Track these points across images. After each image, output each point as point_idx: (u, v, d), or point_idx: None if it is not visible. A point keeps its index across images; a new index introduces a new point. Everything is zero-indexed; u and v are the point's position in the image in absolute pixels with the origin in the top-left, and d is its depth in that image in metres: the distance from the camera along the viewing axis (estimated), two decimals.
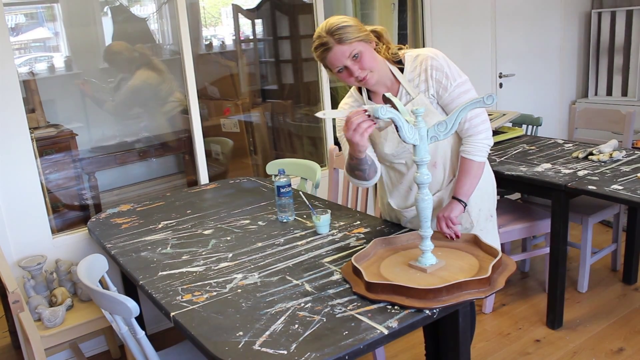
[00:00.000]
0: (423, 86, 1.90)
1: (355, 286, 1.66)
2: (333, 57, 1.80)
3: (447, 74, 1.87)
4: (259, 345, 1.44)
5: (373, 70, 1.84)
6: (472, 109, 1.65)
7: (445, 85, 1.87)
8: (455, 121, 1.65)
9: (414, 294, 1.56)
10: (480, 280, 1.58)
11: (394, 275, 1.70)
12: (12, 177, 2.60)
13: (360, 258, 1.79)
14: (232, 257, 2.01)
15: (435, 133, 1.65)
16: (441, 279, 1.65)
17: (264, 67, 4.87)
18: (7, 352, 3.03)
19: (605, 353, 2.65)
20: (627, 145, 3.43)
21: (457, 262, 1.76)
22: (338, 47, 1.77)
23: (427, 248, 1.73)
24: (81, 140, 3.53)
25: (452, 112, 1.65)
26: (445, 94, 1.88)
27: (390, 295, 1.58)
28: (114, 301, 1.64)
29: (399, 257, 1.83)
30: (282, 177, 2.32)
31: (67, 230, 2.92)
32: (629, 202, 2.37)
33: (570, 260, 3.53)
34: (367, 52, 1.82)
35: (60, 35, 3.97)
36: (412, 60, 1.91)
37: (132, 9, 4.23)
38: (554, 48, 4.70)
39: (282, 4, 4.68)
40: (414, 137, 1.61)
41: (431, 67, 1.87)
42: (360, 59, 1.80)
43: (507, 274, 1.66)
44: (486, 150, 1.92)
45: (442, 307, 1.53)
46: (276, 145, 4.69)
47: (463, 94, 1.88)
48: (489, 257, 1.77)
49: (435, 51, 1.92)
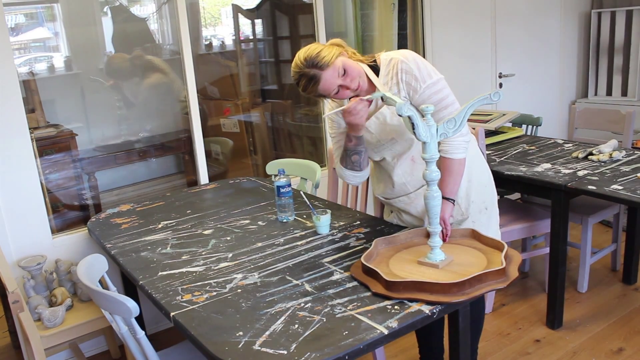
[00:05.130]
0: (395, 89, 1.92)
1: (373, 287, 1.65)
2: (325, 85, 1.84)
3: (416, 76, 1.88)
4: (259, 345, 1.44)
5: (361, 76, 1.89)
6: (480, 105, 1.68)
7: (415, 87, 1.89)
8: (464, 117, 1.67)
9: (438, 289, 1.57)
10: (497, 272, 1.61)
11: (408, 273, 1.71)
12: (12, 177, 2.60)
13: (367, 259, 1.79)
14: (232, 257, 2.01)
15: (444, 130, 1.67)
16: (456, 273, 1.66)
17: (264, 67, 4.87)
18: (7, 352, 3.03)
19: (605, 353, 2.65)
20: (627, 145, 3.43)
21: (463, 256, 1.78)
22: (324, 73, 1.81)
23: (436, 244, 1.74)
24: (81, 140, 3.53)
25: (461, 109, 1.68)
26: (416, 95, 1.90)
27: (413, 293, 1.59)
28: (113, 301, 1.64)
29: (405, 255, 1.84)
30: (282, 177, 2.32)
31: (67, 230, 2.92)
32: (629, 202, 2.37)
33: (570, 260, 3.53)
34: (348, 63, 1.86)
35: (60, 35, 3.97)
36: (387, 64, 1.94)
37: (132, 9, 4.23)
38: (553, 48, 4.70)
39: (282, 4, 4.68)
40: (427, 135, 1.64)
41: (401, 70, 1.89)
42: (347, 72, 1.85)
43: (515, 264, 1.68)
44: (464, 146, 1.93)
45: (467, 299, 1.55)
46: (276, 145, 4.69)
47: (434, 95, 1.89)
48: (492, 249, 1.79)
49: (406, 53, 1.93)
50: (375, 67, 1.96)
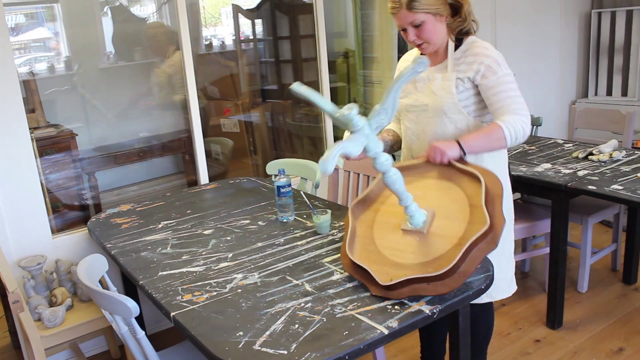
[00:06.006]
0: (463, 67, 1.94)
1: (373, 289, 1.64)
2: (398, 18, 1.90)
3: (498, 62, 1.91)
4: (259, 345, 1.44)
5: (430, 42, 1.92)
6: (407, 81, 1.64)
7: (495, 69, 1.90)
8: (394, 103, 1.62)
9: (433, 278, 1.55)
10: (483, 235, 1.57)
11: (397, 250, 1.68)
12: (12, 177, 2.60)
13: (351, 243, 1.77)
14: (232, 257, 2.01)
15: (378, 123, 1.64)
16: (444, 237, 1.64)
17: (264, 67, 4.87)
18: (7, 352, 3.03)
19: (605, 353, 2.65)
20: (627, 145, 3.43)
21: (442, 202, 1.74)
22: (404, 11, 1.86)
23: (413, 212, 1.71)
24: (81, 140, 3.53)
25: (387, 94, 1.62)
26: (494, 76, 1.90)
27: (411, 287, 1.57)
28: (113, 301, 1.64)
29: (385, 218, 1.80)
30: (282, 177, 2.32)
31: (67, 230, 2.91)
32: (629, 202, 2.37)
33: (570, 260, 3.53)
34: (430, 25, 1.89)
35: (60, 35, 3.97)
36: (470, 43, 1.97)
37: (132, 9, 4.23)
38: (554, 48, 4.69)
39: (282, 4, 4.68)
40: (375, 148, 1.63)
41: (483, 55, 1.92)
42: (421, 29, 1.89)
43: (498, 204, 1.63)
44: (517, 130, 1.86)
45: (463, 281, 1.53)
46: (276, 145, 4.69)
47: (507, 84, 1.90)
48: (469, 180, 1.74)
49: (491, 45, 1.97)
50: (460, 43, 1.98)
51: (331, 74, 3.86)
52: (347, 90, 4.84)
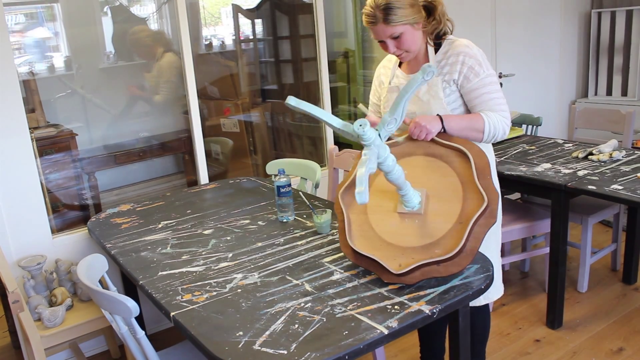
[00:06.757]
0: (446, 69, 1.94)
1: (385, 277, 1.65)
2: (375, 32, 1.90)
3: (480, 62, 1.92)
4: (259, 345, 1.44)
5: (410, 50, 1.93)
6: (417, 90, 1.64)
7: (477, 71, 1.91)
8: (403, 112, 1.63)
9: (444, 259, 1.57)
10: (482, 212, 1.60)
11: (398, 235, 1.69)
12: (12, 177, 2.60)
13: (348, 231, 1.77)
14: (232, 257, 2.02)
15: (387, 133, 1.65)
16: (439, 215, 1.65)
17: (264, 67, 4.87)
18: (7, 352, 3.03)
19: (605, 353, 2.65)
20: (627, 145, 3.43)
21: (432, 179, 1.74)
22: (382, 25, 1.85)
23: (410, 196, 1.72)
24: (81, 140, 3.53)
25: (397, 102, 1.62)
26: (476, 78, 1.91)
27: (423, 271, 1.58)
28: (113, 301, 1.64)
29: (379, 201, 1.80)
30: (282, 177, 2.33)
31: (67, 230, 2.92)
32: (629, 202, 2.37)
33: (570, 260, 3.53)
34: (409, 35, 1.89)
35: (60, 35, 3.97)
36: (449, 44, 1.97)
37: (132, 9, 4.23)
38: (553, 48, 4.70)
39: (282, 4, 4.68)
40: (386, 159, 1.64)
41: (465, 54, 1.92)
42: (400, 40, 1.89)
43: (489, 177, 1.65)
44: (497, 128, 1.89)
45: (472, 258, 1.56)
46: (276, 145, 4.69)
47: (489, 85, 1.91)
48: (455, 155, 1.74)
49: (469, 42, 1.98)
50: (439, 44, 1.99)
51: (331, 73, 3.86)
52: (347, 90, 4.84)
